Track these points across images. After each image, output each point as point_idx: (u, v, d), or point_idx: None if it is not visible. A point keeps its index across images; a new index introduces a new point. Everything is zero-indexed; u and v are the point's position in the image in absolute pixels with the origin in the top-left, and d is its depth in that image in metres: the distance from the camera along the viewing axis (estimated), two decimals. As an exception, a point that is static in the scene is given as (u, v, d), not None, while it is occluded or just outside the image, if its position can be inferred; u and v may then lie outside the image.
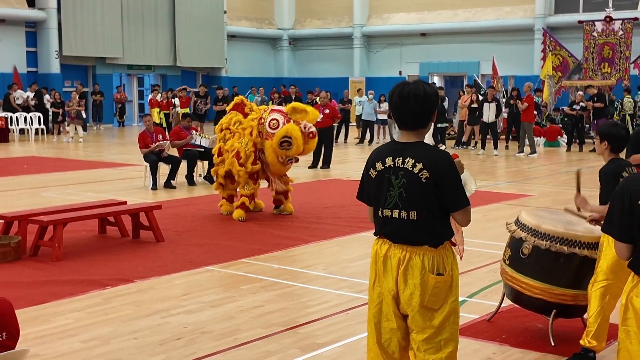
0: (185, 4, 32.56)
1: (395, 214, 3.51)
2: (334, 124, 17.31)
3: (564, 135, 21.68)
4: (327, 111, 16.48)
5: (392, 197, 3.51)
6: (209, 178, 13.38)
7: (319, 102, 17.03)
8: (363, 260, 7.73)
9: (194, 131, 13.72)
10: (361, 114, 23.30)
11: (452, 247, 3.61)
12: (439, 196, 3.46)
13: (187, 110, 23.70)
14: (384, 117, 22.77)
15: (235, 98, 10.73)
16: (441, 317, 3.51)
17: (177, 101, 24.96)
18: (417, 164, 3.45)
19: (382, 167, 3.55)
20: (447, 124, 22.06)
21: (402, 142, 3.56)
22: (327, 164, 16.26)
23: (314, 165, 16.19)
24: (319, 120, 15.93)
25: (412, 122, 3.51)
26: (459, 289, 3.62)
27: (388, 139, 23.09)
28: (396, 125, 3.61)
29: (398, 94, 3.51)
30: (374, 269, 3.62)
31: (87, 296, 6.44)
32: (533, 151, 19.28)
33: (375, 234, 3.67)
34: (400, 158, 3.50)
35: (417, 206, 3.46)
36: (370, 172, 3.61)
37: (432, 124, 3.62)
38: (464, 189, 3.52)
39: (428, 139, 3.73)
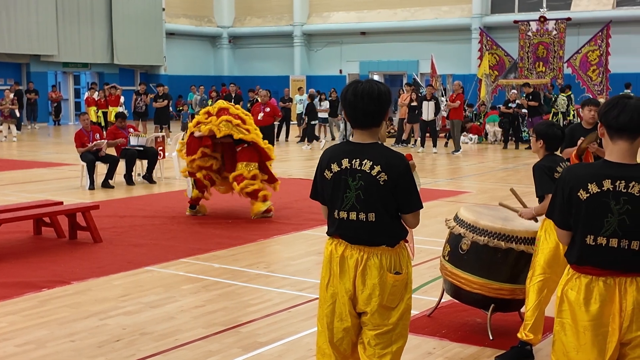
0: (122, 0, 32.03)
1: (353, 215, 3.48)
2: (274, 122, 17.27)
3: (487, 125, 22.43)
4: (267, 109, 16.45)
5: (349, 199, 3.48)
6: (148, 177, 13.23)
7: (260, 101, 16.99)
8: (305, 259, 7.74)
9: (131, 129, 13.52)
10: (302, 112, 23.33)
11: (406, 245, 3.63)
12: (396, 198, 3.46)
13: (117, 109, 23.32)
14: (325, 115, 22.85)
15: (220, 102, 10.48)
16: (397, 314, 3.53)
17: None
18: (374, 166, 3.42)
19: (339, 169, 3.50)
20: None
21: (357, 142, 3.51)
22: (268, 163, 16.19)
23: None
24: (259, 118, 16.03)
25: (366, 121, 3.47)
26: (412, 286, 3.66)
27: (329, 138, 23.21)
28: (336, 123, 3.58)
29: (352, 92, 3.45)
30: (329, 269, 3.59)
31: (22, 299, 6.28)
32: (457, 149, 19.55)
33: (328, 234, 3.64)
34: (357, 160, 3.46)
35: (375, 208, 3.45)
36: (325, 173, 3.55)
37: (385, 123, 3.61)
38: (418, 192, 3.54)
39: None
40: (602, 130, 3.22)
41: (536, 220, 5.14)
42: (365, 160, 3.44)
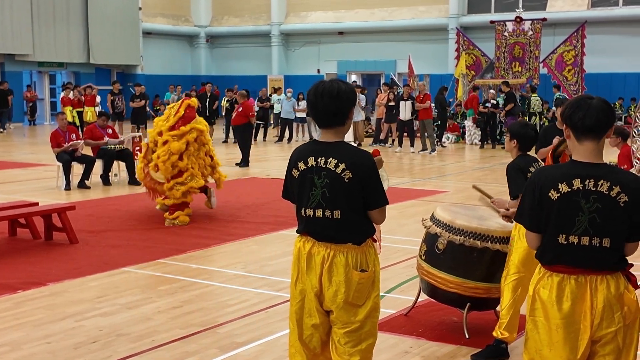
0: (98, -1, 31.84)
1: (319, 213, 3.54)
2: (251, 122, 17.11)
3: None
4: (240, 109, 16.44)
5: (314, 196, 3.54)
6: (133, 182, 12.91)
7: (239, 101, 16.98)
8: (282, 259, 7.74)
9: (110, 130, 13.40)
10: (279, 112, 23.31)
11: (374, 243, 3.67)
12: (362, 195, 3.50)
13: (93, 108, 23.12)
14: (303, 115, 22.86)
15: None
16: (364, 312, 3.57)
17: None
18: (339, 164, 3.48)
19: (305, 167, 3.56)
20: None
21: (324, 141, 3.58)
22: (245, 163, 16.18)
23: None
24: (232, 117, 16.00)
25: (327, 120, 3.54)
26: (380, 284, 3.68)
27: (307, 137, 23.20)
28: (316, 124, 3.64)
29: (313, 92, 3.54)
30: (297, 266, 3.64)
31: (-4, 301, 6.24)
32: (433, 149, 19.60)
33: (297, 232, 3.69)
34: (323, 158, 3.52)
35: (341, 206, 3.50)
36: (293, 172, 3.62)
37: (351, 121, 3.66)
38: (383, 189, 3.58)
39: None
40: (567, 132, 3.26)
41: (510, 220, 5.17)
42: (330, 159, 3.51)
